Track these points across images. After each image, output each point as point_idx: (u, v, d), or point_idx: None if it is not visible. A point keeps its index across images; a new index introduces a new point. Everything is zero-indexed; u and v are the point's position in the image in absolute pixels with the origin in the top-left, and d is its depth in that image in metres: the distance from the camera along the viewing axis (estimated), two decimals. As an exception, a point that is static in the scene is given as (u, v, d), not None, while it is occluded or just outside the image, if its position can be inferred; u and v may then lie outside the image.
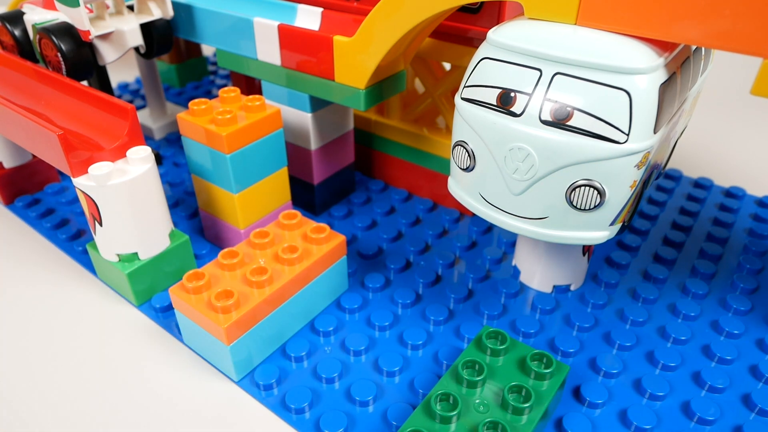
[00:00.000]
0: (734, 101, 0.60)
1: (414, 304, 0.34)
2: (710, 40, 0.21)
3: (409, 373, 0.29)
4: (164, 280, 0.35)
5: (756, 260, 0.36)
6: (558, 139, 0.23)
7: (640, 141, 0.23)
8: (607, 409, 0.27)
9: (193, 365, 0.31)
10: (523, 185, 0.25)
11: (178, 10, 0.41)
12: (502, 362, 0.26)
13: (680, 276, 0.36)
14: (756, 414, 0.27)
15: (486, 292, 0.35)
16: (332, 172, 0.42)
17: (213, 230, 0.38)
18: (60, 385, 0.30)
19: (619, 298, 0.34)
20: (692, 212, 0.41)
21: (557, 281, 0.34)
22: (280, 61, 0.36)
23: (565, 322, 0.32)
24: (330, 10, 0.35)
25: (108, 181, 0.30)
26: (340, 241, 0.32)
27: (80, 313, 0.34)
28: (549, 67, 0.23)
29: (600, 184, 0.24)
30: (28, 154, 0.44)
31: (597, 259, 0.37)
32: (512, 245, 0.38)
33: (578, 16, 0.24)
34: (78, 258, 0.38)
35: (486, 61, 0.25)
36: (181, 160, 0.49)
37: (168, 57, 0.62)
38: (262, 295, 0.28)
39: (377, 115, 0.44)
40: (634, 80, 0.22)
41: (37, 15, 0.38)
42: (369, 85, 0.33)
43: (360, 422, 0.27)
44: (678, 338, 0.31)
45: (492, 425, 0.23)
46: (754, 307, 0.33)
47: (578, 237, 0.26)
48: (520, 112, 0.24)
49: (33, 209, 0.43)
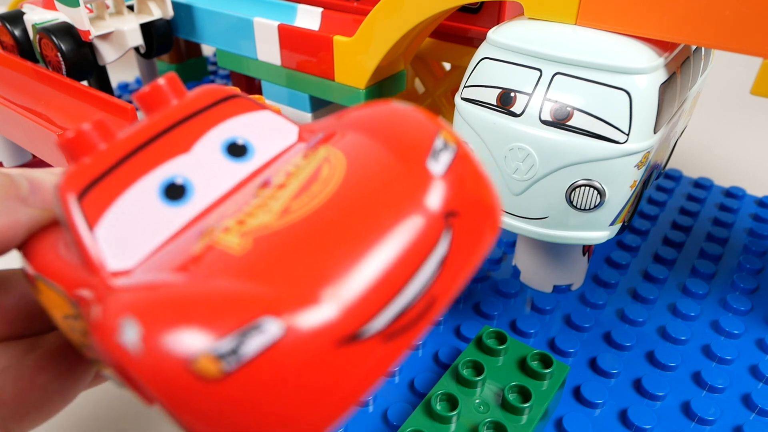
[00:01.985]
0: (734, 101, 0.60)
1: (414, 304, 0.34)
2: (710, 40, 0.21)
3: (409, 373, 0.29)
4: (164, 280, 0.35)
5: (756, 260, 0.36)
6: (558, 139, 0.23)
7: (640, 141, 0.23)
8: (607, 409, 0.27)
9: (193, 365, 0.31)
10: (523, 185, 0.25)
11: (178, 10, 0.41)
12: (502, 362, 0.26)
13: (680, 276, 0.36)
14: (756, 414, 0.27)
15: (486, 292, 0.35)
16: (332, 172, 0.42)
17: (213, 230, 0.38)
18: (60, 385, 0.30)
19: (619, 298, 0.34)
20: (692, 212, 0.41)
21: (557, 281, 0.34)
22: (280, 61, 0.36)
23: (565, 322, 0.32)
24: (330, 10, 0.35)
25: (108, 181, 0.30)
26: (340, 241, 0.32)
27: (80, 313, 0.34)
28: (549, 67, 0.23)
29: (600, 184, 0.24)
30: (28, 154, 0.44)
31: (597, 259, 0.37)
32: (512, 245, 0.38)
33: (578, 16, 0.24)
34: (78, 258, 0.38)
35: (486, 61, 0.25)
36: (181, 160, 0.49)
37: (168, 57, 0.62)
38: (262, 295, 0.28)
39: (377, 115, 0.44)
40: (634, 80, 0.22)
41: (37, 15, 0.38)
42: (369, 85, 0.33)
43: (360, 422, 0.27)
44: (678, 338, 0.31)
45: (492, 425, 0.23)
46: (754, 307, 0.33)
47: (578, 237, 0.26)
48: (520, 112, 0.24)
49: (33, 209, 0.42)
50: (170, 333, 0.09)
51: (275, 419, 0.10)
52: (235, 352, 0.09)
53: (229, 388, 0.09)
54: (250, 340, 0.09)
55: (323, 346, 0.10)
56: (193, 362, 0.09)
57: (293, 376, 0.10)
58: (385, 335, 0.10)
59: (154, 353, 0.09)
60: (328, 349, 0.10)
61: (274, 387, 0.10)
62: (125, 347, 0.10)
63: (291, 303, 0.10)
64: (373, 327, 0.10)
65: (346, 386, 0.10)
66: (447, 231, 0.12)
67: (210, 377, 0.09)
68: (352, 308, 0.10)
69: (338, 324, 0.10)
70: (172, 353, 0.09)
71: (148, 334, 0.10)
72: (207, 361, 0.09)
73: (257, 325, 0.09)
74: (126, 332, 0.10)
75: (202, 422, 0.10)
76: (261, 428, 0.10)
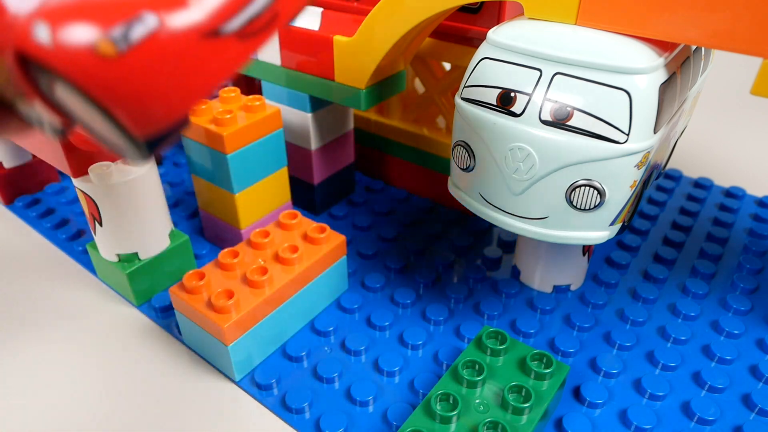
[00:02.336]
0: (734, 101, 0.60)
1: (414, 304, 0.34)
2: (710, 40, 0.21)
3: (409, 373, 0.29)
4: (164, 280, 0.35)
5: (756, 260, 0.36)
6: (558, 139, 0.23)
7: (640, 141, 0.23)
8: (607, 409, 0.27)
9: (193, 365, 0.31)
10: (523, 185, 0.25)
11: (178, 10, 0.40)
12: (502, 362, 0.26)
13: (680, 276, 0.36)
14: (756, 414, 0.27)
15: (486, 292, 0.35)
16: (332, 172, 0.42)
17: (213, 230, 0.38)
18: (60, 385, 0.30)
19: (619, 298, 0.34)
20: (692, 212, 0.41)
21: (557, 281, 0.34)
22: (280, 61, 0.36)
23: (565, 322, 0.32)
24: (330, 10, 0.35)
25: (108, 181, 0.30)
26: (340, 241, 0.32)
27: (80, 313, 0.34)
28: (549, 67, 0.23)
29: (600, 184, 0.24)
30: (28, 154, 0.44)
31: (597, 259, 0.37)
32: (512, 245, 0.38)
33: (578, 16, 0.24)
34: (78, 258, 0.38)
35: (486, 61, 0.25)
36: (181, 160, 0.49)
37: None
38: (262, 295, 0.28)
39: (377, 115, 0.44)
40: (634, 80, 0.22)
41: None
42: (369, 85, 0.33)
43: (360, 422, 0.27)
44: (678, 338, 0.31)
45: (492, 425, 0.23)
46: (754, 307, 0.33)
47: (578, 237, 0.26)
48: (520, 112, 0.24)
49: (33, 209, 0.43)
50: (74, 26, 0.13)
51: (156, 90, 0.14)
52: (125, 37, 0.13)
53: (123, 64, 0.13)
54: (135, 28, 0.13)
55: (191, 36, 0.14)
56: (94, 46, 0.13)
57: (170, 58, 0.13)
58: (239, 35, 0.14)
59: (64, 42, 0.13)
60: (195, 40, 0.14)
61: (155, 65, 0.13)
62: (39, 43, 0.13)
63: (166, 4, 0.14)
64: (229, 27, 0.14)
65: (209, 71, 0.14)
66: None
67: (108, 56, 0.13)
68: (213, 11, 0.14)
69: (201, 21, 0.14)
70: (78, 40, 0.13)
71: (55, 28, 0.13)
72: (104, 44, 0.13)
73: (139, 17, 0.13)
74: (38, 31, 0.13)
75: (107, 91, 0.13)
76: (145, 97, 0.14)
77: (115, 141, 0.15)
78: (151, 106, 0.14)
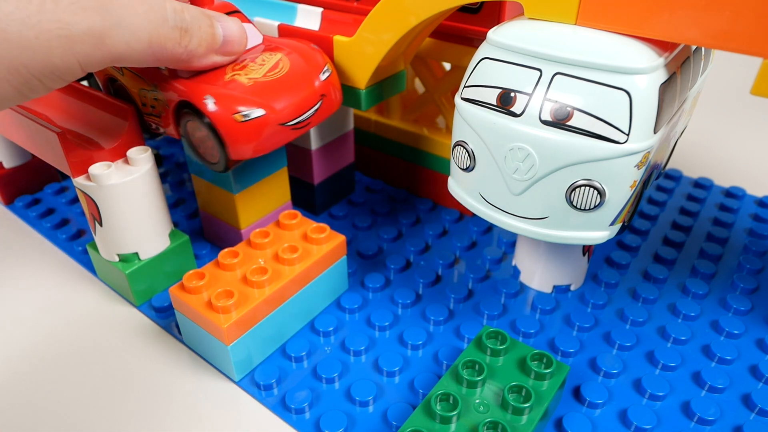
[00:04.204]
0: (734, 101, 0.60)
1: (414, 304, 0.34)
2: (710, 40, 0.21)
3: (409, 373, 0.29)
4: (164, 280, 0.35)
5: (756, 260, 0.36)
6: (558, 139, 0.23)
7: (640, 141, 0.23)
8: (607, 409, 0.27)
9: (193, 365, 0.31)
10: (523, 185, 0.25)
11: (178, 10, 0.40)
12: (502, 362, 0.26)
13: (680, 276, 0.36)
14: (756, 414, 0.27)
15: (486, 292, 0.35)
16: (332, 172, 0.42)
17: (213, 230, 0.38)
18: (60, 385, 0.30)
19: (619, 298, 0.34)
20: (692, 212, 0.41)
21: (557, 281, 0.34)
22: (280, 61, 0.36)
23: (565, 322, 0.32)
24: (330, 10, 0.35)
25: (108, 181, 0.30)
26: (340, 241, 0.32)
27: (80, 313, 0.34)
28: (549, 67, 0.23)
29: (600, 184, 0.24)
30: (28, 154, 0.44)
31: (597, 259, 0.37)
32: (512, 245, 0.38)
33: (578, 16, 0.24)
34: (78, 258, 0.38)
35: (486, 61, 0.25)
36: (181, 160, 0.49)
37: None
38: (262, 295, 0.28)
39: (377, 115, 0.44)
40: (634, 80, 0.22)
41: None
42: (369, 85, 0.33)
43: (360, 422, 0.27)
44: (678, 338, 0.31)
45: (492, 425, 0.23)
46: (754, 307, 0.33)
47: (578, 237, 0.26)
48: (520, 112, 0.24)
49: (33, 209, 0.43)
50: (227, 104, 0.28)
51: (251, 142, 0.28)
52: (247, 115, 0.28)
53: (243, 126, 0.28)
54: (253, 112, 0.28)
55: (274, 123, 0.29)
56: (234, 115, 0.28)
57: (262, 130, 0.28)
58: (293, 127, 0.30)
59: (221, 111, 0.27)
60: (275, 125, 0.29)
61: (256, 131, 0.28)
62: (208, 108, 0.27)
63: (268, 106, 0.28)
64: (289, 123, 0.29)
65: (275, 141, 0.29)
66: (321, 99, 0.31)
67: (238, 120, 0.28)
68: (285, 113, 0.29)
69: (279, 119, 0.29)
70: (228, 111, 0.27)
71: (219, 102, 0.27)
72: (239, 116, 0.28)
73: (257, 108, 0.28)
74: (208, 103, 0.27)
75: (230, 136, 0.28)
76: (245, 143, 0.28)
77: (212, 156, 0.30)
78: (246, 149, 0.28)
